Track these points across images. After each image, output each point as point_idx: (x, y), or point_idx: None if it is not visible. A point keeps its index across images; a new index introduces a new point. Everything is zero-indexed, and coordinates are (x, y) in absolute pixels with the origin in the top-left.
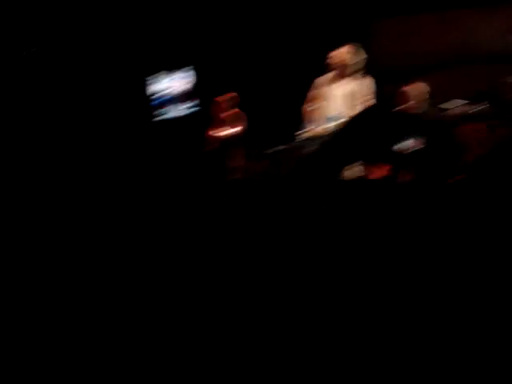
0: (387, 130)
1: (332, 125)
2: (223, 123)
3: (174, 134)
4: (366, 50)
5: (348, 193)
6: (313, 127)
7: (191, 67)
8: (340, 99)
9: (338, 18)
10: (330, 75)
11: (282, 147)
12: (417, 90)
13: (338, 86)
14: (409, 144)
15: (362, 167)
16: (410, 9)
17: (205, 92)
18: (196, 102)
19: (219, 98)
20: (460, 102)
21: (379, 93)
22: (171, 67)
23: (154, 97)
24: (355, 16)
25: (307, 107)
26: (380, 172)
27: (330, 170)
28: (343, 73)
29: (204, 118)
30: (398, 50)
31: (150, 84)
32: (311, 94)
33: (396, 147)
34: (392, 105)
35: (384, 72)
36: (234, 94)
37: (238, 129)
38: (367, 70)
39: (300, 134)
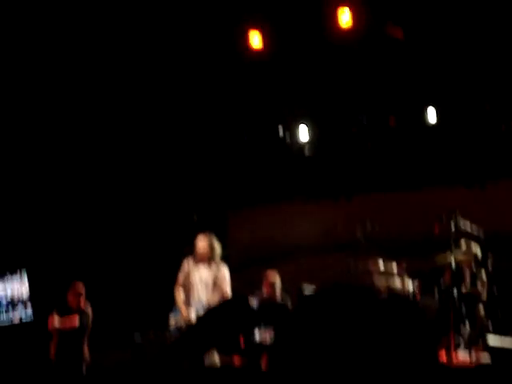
0: (245, 319)
1: (194, 311)
2: (69, 313)
3: (9, 342)
4: (223, 237)
5: (208, 380)
6: (178, 314)
7: (24, 270)
8: (200, 285)
9: (198, 206)
10: (191, 261)
11: (146, 336)
12: (273, 278)
13: (198, 272)
14: (266, 333)
15: (223, 356)
16: (267, 199)
17: (41, 295)
18: (29, 306)
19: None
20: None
21: (237, 279)
22: (3, 271)
23: None
24: (213, 205)
25: (176, 290)
26: (238, 360)
27: (191, 357)
28: (202, 260)
29: (40, 321)
30: (254, 239)
31: None
32: (179, 277)
33: (254, 336)
34: (251, 292)
35: (241, 259)
36: (80, 283)
37: (85, 317)
38: (225, 256)
39: (169, 320)
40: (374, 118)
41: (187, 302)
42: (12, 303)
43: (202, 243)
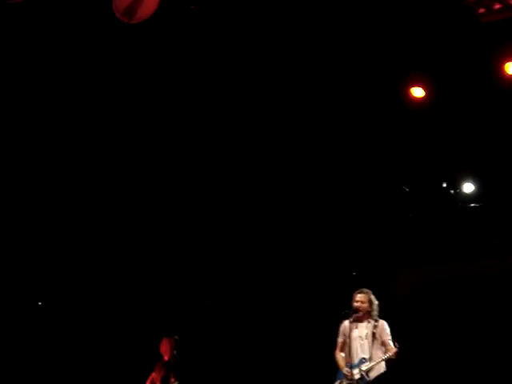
0: None
1: (358, 371)
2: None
3: None
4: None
5: None
6: (342, 376)
7: None
8: (359, 342)
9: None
10: (348, 322)
11: None
12: None
13: (356, 330)
14: None
15: None
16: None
17: None
18: None
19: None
20: None
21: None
22: None
23: None
24: (376, 264)
25: (336, 354)
26: None
27: None
28: (360, 316)
29: None
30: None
31: None
32: (338, 340)
33: None
34: None
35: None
36: (175, 337)
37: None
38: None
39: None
40: None
41: (349, 363)
42: None
43: (361, 298)
